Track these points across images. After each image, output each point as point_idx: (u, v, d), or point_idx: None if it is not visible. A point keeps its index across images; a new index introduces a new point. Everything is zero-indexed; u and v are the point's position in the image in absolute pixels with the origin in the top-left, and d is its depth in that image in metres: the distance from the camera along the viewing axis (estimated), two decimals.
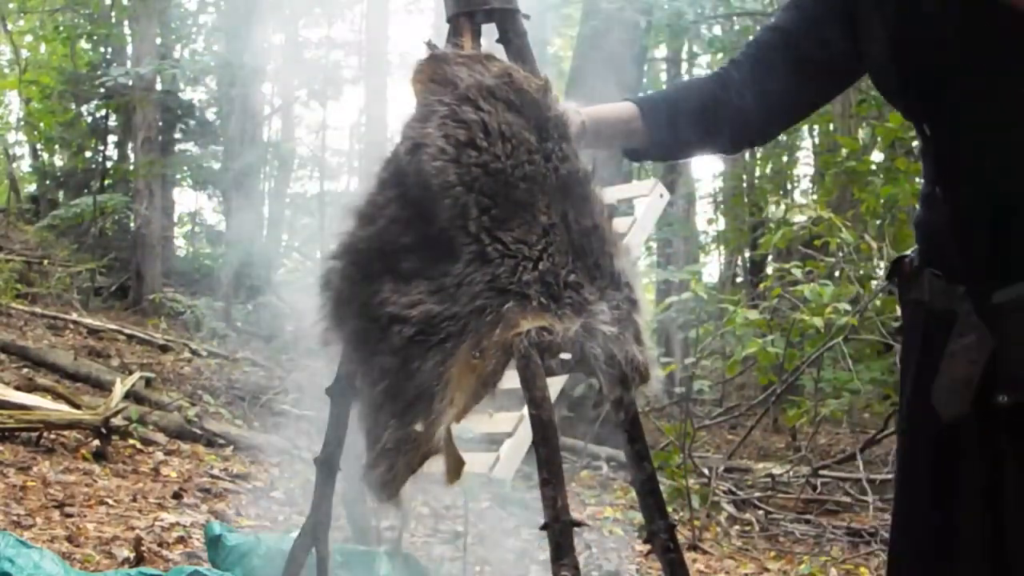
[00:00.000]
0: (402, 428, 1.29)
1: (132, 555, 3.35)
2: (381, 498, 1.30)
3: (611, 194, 2.21)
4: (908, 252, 1.65)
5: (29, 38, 15.38)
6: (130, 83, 11.73)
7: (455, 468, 1.28)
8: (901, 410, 1.66)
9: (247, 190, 11.97)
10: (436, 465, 1.30)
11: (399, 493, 1.30)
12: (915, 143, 5.74)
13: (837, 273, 6.34)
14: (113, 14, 13.88)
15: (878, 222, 6.75)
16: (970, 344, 1.46)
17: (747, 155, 13.64)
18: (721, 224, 14.67)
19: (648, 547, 1.42)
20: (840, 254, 5.99)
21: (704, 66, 14.34)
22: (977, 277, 1.47)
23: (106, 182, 14.04)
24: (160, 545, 3.57)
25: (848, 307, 5.45)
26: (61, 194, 14.62)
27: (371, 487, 1.32)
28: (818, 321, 5.41)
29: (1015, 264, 1.44)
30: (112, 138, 14.83)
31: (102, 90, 12.67)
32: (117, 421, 5.19)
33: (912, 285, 1.61)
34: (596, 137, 1.57)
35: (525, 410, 1.29)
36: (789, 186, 14.38)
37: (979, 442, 1.47)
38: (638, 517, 4.55)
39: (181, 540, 3.68)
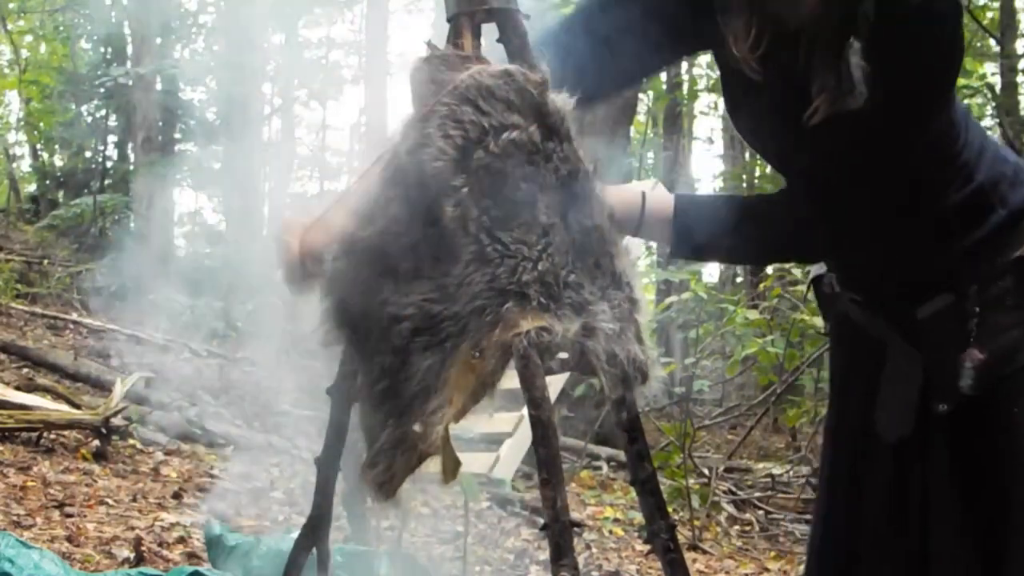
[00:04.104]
0: (400, 428, 1.29)
1: (132, 555, 3.35)
2: (378, 498, 1.30)
3: None
4: (823, 273, 1.65)
5: (29, 38, 15.39)
6: (130, 83, 11.75)
7: (451, 468, 1.28)
8: (828, 419, 1.68)
9: (247, 190, 11.96)
10: (434, 465, 1.30)
11: (397, 493, 1.30)
12: None
13: None
14: (113, 14, 13.89)
15: None
16: (901, 367, 1.48)
17: (746, 155, 13.63)
18: None
19: (648, 547, 1.42)
20: None
21: (703, 66, 14.30)
22: (890, 300, 1.50)
23: (106, 182, 14.04)
24: (160, 545, 3.56)
25: None
26: (61, 194, 14.63)
27: (369, 487, 1.31)
28: (818, 321, 5.39)
29: (924, 287, 1.45)
30: (112, 138, 14.84)
31: (102, 90, 12.68)
32: (117, 421, 5.19)
33: (835, 302, 1.62)
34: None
35: (525, 410, 1.29)
36: None
37: (919, 451, 1.47)
38: (638, 517, 4.55)
39: (181, 540, 3.68)
